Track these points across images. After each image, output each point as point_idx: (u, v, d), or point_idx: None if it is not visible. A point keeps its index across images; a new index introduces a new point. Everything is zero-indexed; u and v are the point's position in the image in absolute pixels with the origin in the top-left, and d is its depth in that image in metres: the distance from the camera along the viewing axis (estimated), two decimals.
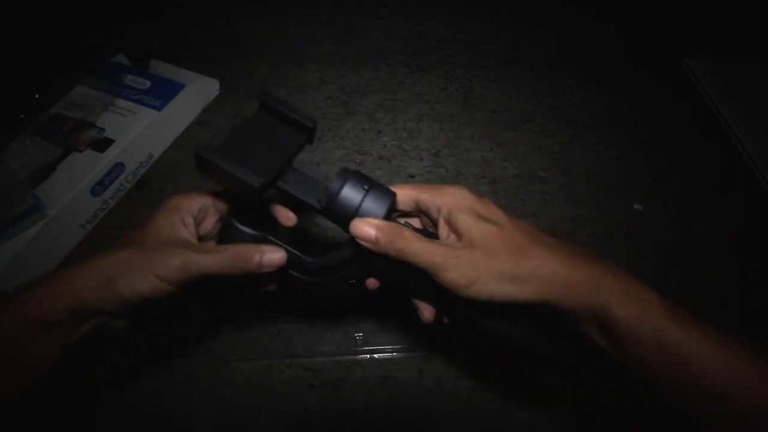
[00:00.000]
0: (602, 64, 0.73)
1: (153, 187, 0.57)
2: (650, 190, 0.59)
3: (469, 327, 0.33)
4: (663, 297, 0.27)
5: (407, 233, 0.28)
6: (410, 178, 0.59)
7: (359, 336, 0.48)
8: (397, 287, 0.33)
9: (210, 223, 0.34)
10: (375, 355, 0.47)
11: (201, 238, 0.34)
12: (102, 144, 0.53)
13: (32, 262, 0.48)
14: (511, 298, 0.26)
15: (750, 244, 0.55)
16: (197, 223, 0.33)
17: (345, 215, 0.29)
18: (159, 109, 0.57)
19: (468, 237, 0.27)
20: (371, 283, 0.34)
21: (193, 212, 0.33)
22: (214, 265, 0.30)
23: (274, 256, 0.31)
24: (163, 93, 0.58)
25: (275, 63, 0.70)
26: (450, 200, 0.30)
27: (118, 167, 0.54)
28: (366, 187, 0.30)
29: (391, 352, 0.47)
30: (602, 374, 0.39)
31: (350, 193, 0.29)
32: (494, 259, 0.26)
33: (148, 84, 0.59)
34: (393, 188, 0.31)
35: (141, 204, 0.56)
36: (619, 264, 0.26)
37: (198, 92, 0.63)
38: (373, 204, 0.30)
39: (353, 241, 0.29)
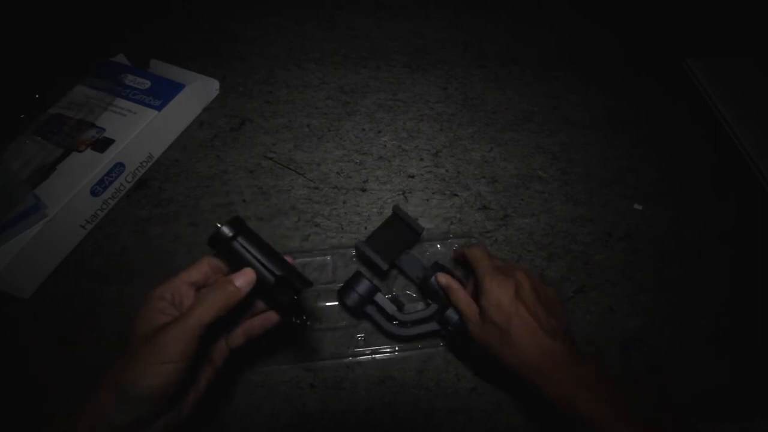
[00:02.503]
0: (602, 64, 0.73)
1: (153, 187, 0.57)
2: (650, 190, 0.59)
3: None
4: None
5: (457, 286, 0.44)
6: (410, 178, 0.59)
7: (360, 336, 0.48)
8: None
9: (190, 300, 0.35)
10: (375, 356, 0.47)
11: None
12: (102, 144, 0.53)
13: (32, 262, 0.48)
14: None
15: (750, 244, 0.55)
16: (175, 303, 0.34)
17: (432, 290, 0.46)
18: (159, 109, 0.57)
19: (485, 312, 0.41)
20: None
21: (165, 296, 0.34)
22: (202, 315, 0.31)
23: (243, 278, 0.34)
24: (163, 93, 0.58)
25: (275, 63, 0.71)
26: (492, 289, 0.41)
27: (118, 167, 0.54)
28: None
29: (391, 352, 0.47)
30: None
31: (434, 282, 0.46)
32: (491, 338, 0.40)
33: (148, 84, 0.59)
34: (468, 250, 0.46)
35: (141, 204, 0.56)
36: (619, 264, 0.27)
37: (198, 92, 0.63)
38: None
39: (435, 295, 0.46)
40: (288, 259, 0.37)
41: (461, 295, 0.43)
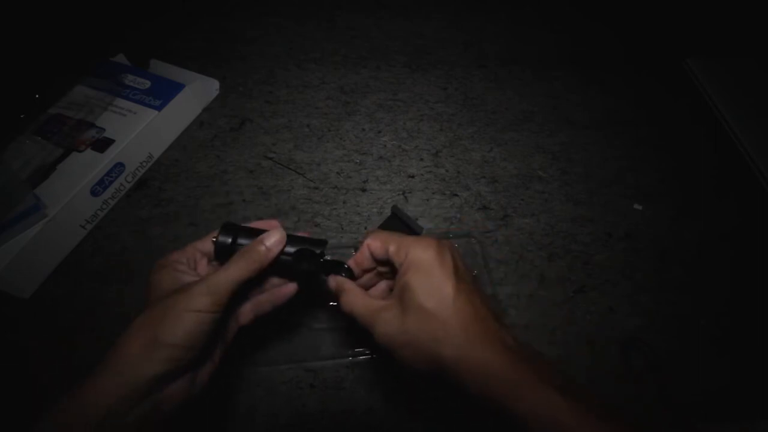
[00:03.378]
0: (602, 64, 0.73)
1: (153, 187, 0.57)
2: (650, 190, 0.59)
3: None
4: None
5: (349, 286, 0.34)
6: (410, 178, 0.59)
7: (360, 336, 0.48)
8: None
9: (203, 268, 0.35)
10: (375, 356, 0.47)
11: None
12: (102, 144, 0.53)
13: (32, 262, 0.48)
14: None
15: (750, 244, 0.55)
16: (190, 269, 0.34)
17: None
18: (159, 109, 0.57)
19: (406, 304, 0.30)
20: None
21: (183, 262, 0.34)
22: (234, 273, 0.31)
23: (273, 237, 0.34)
24: (163, 93, 0.58)
25: (275, 63, 0.71)
26: (410, 259, 0.31)
27: (118, 167, 0.54)
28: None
29: None
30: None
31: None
32: (410, 337, 0.29)
33: (148, 84, 0.59)
34: (368, 238, 0.35)
35: (141, 204, 0.56)
36: (619, 264, 0.27)
37: (198, 92, 0.63)
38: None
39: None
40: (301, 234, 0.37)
41: (352, 297, 0.33)
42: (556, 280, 0.52)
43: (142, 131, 0.55)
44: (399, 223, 0.50)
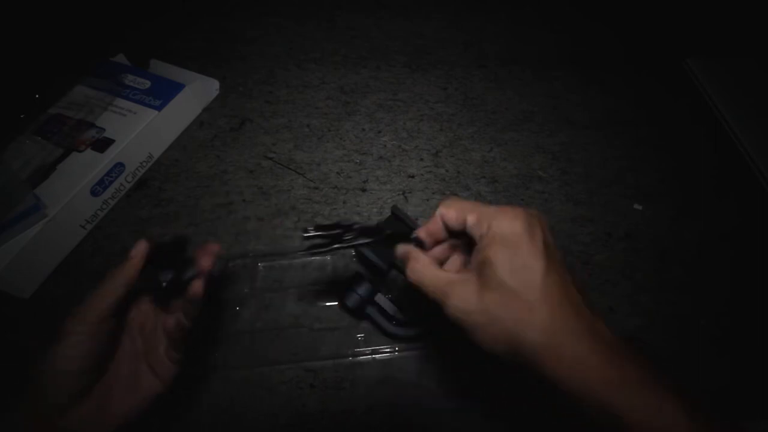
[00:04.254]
0: (602, 64, 0.73)
1: (153, 187, 0.57)
2: (650, 190, 0.59)
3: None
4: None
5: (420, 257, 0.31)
6: (410, 178, 0.59)
7: (360, 336, 0.48)
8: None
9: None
10: (375, 356, 0.47)
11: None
12: (102, 144, 0.53)
13: (32, 262, 0.48)
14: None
15: (750, 244, 0.55)
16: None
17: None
18: (159, 109, 0.57)
19: (487, 279, 0.27)
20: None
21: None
22: (109, 288, 0.33)
23: (138, 247, 0.35)
24: (163, 93, 0.58)
25: (275, 63, 0.71)
26: (493, 232, 0.28)
27: (118, 167, 0.54)
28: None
29: (391, 352, 0.47)
30: None
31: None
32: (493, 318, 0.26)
33: (148, 84, 0.59)
34: (442, 205, 0.31)
35: (141, 204, 0.56)
36: (619, 264, 0.27)
37: (198, 92, 0.63)
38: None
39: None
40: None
41: (421, 266, 0.30)
42: None
43: (142, 131, 0.55)
44: (399, 223, 0.50)
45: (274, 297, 0.49)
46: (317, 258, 0.52)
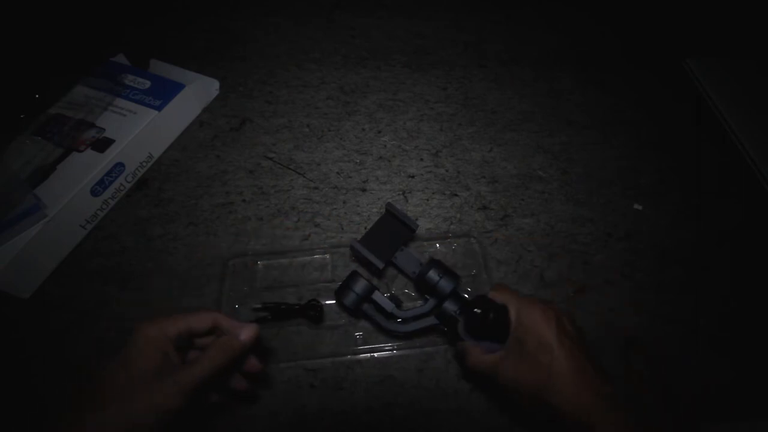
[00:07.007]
0: (602, 64, 0.73)
1: (153, 187, 0.57)
2: (650, 190, 0.59)
3: None
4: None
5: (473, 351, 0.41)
6: (410, 178, 0.59)
7: (359, 335, 0.48)
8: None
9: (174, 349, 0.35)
10: (375, 354, 0.47)
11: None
12: (102, 144, 0.53)
13: (32, 262, 0.48)
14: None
15: (749, 244, 0.55)
16: (175, 349, 0.34)
17: (428, 285, 0.45)
18: (159, 109, 0.57)
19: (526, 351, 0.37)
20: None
21: (171, 336, 0.34)
22: (204, 369, 0.32)
23: (249, 330, 0.36)
24: (163, 93, 0.59)
25: (275, 63, 0.71)
26: (523, 319, 0.38)
27: (118, 167, 0.54)
28: (440, 275, 0.44)
29: (391, 351, 0.47)
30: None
31: (432, 275, 0.44)
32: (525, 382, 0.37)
33: (148, 84, 0.59)
34: (493, 290, 0.42)
35: (141, 204, 0.56)
36: (619, 264, 0.27)
37: (198, 92, 0.63)
38: (445, 284, 0.44)
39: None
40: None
41: (474, 358, 0.40)
42: (556, 280, 0.52)
43: (142, 131, 0.55)
44: (394, 221, 0.50)
45: (273, 296, 0.49)
46: (317, 257, 0.52)
